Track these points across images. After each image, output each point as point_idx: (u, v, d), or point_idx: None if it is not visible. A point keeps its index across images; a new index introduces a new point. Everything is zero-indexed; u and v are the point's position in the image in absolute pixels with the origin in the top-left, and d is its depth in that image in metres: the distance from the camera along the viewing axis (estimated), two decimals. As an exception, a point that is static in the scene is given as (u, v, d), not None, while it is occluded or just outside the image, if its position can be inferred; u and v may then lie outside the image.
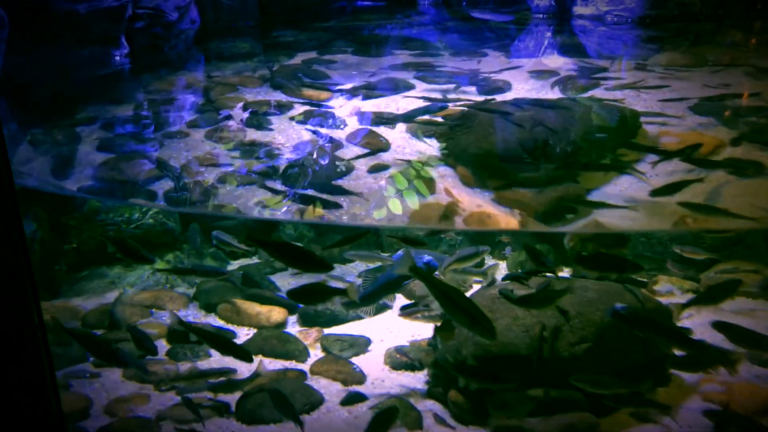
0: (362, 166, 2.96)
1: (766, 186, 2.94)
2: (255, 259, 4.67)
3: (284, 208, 2.88)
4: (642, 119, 3.43)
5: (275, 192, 2.94)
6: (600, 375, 2.82)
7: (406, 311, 3.85)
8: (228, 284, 4.19)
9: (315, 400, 3.25)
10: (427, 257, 3.46)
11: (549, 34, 5.35)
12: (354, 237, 3.34)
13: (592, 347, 2.95)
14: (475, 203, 2.69)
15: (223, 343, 3.29)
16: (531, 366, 2.90)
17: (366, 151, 3.00)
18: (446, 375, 3.25)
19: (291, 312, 4.09)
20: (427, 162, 3.00)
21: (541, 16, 5.45)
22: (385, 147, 3.09)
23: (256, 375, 3.34)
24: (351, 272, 4.57)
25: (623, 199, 2.91)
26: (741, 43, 5.25)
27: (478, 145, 2.97)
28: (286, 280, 4.56)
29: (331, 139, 3.17)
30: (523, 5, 5.84)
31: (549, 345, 2.88)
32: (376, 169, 2.93)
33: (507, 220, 2.71)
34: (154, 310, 4.01)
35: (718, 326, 3.13)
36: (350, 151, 3.06)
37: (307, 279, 4.48)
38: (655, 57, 4.69)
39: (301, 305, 4.11)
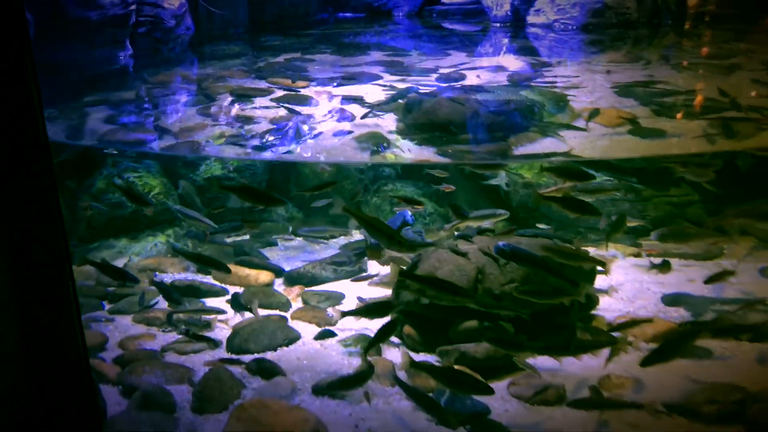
0: (329, 131, 3.61)
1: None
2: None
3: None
4: (570, 99, 4.07)
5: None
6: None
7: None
8: (224, 249, 4.79)
9: (293, 336, 3.80)
10: (409, 213, 4.17)
11: (506, 40, 5.97)
12: (322, 186, 3.98)
13: (518, 286, 3.54)
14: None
15: (207, 260, 4.11)
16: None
17: (332, 120, 3.65)
18: (403, 317, 3.83)
19: (278, 275, 4.67)
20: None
21: (499, 25, 6.07)
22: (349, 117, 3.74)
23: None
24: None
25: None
26: (679, 46, 5.91)
27: (426, 117, 3.60)
28: (275, 253, 5.17)
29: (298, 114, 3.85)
30: (485, 17, 6.47)
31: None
32: (339, 133, 3.57)
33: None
34: (157, 273, 4.58)
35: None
36: (318, 123, 3.70)
37: (295, 253, 5.09)
38: (598, 57, 5.34)
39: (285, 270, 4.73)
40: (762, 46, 5.49)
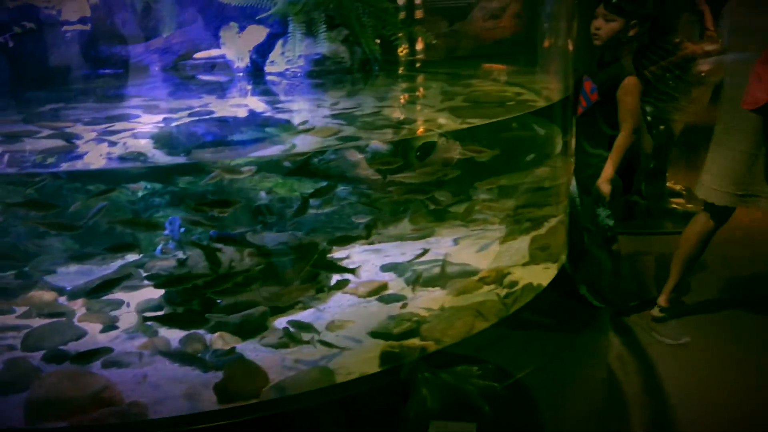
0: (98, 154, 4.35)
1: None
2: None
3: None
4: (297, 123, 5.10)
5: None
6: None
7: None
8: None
9: (81, 333, 4.37)
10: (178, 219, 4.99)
11: (249, 86, 6.94)
12: (104, 191, 4.72)
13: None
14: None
15: None
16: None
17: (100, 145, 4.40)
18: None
19: (60, 294, 5.17)
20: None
21: (241, 74, 7.03)
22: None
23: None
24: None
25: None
26: (386, 86, 7.27)
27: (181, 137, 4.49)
28: (58, 277, 5.59)
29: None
30: (230, 68, 7.41)
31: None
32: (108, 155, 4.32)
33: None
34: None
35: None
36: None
37: (77, 276, 5.55)
38: (321, 96, 6.49)
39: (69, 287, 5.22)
40: (453, 84, 6.91)
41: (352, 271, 4.56)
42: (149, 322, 4.32)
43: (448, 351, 3.73)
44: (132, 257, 5.79)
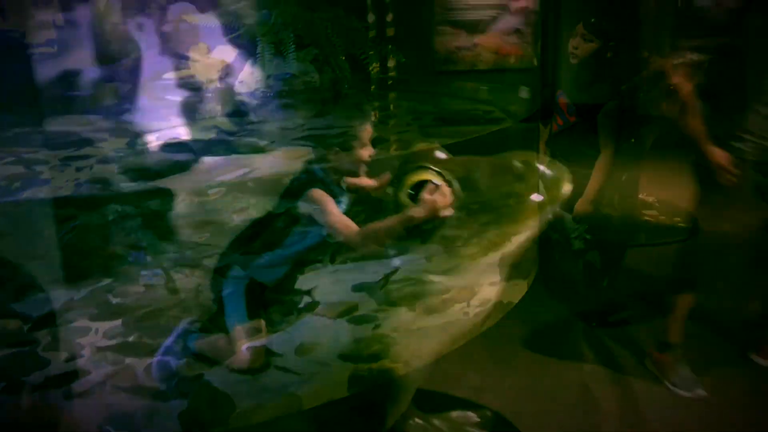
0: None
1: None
2: None
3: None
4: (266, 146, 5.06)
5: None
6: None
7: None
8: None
9: (45, 362, 4.32)
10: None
11: (219, 106, 6.91)
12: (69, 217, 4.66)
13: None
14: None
15: None
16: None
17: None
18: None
19: (25, 322, 5.06)
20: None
21: (210, 95, 6.98)
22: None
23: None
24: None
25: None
26: (357, 104, 7.24)
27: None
28: (32, 305, 5.49)
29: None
30: (200, 88, 7.37)
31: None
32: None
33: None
34: None
35: None
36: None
37: (44, 304, 5.46)
38: (292, 115, 6.47)
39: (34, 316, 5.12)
40: (422, 102, 6.91)
41: (308, 292, 4.54)
42: (113, 351, 4.24)
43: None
44: (105, 281, 5.73)
